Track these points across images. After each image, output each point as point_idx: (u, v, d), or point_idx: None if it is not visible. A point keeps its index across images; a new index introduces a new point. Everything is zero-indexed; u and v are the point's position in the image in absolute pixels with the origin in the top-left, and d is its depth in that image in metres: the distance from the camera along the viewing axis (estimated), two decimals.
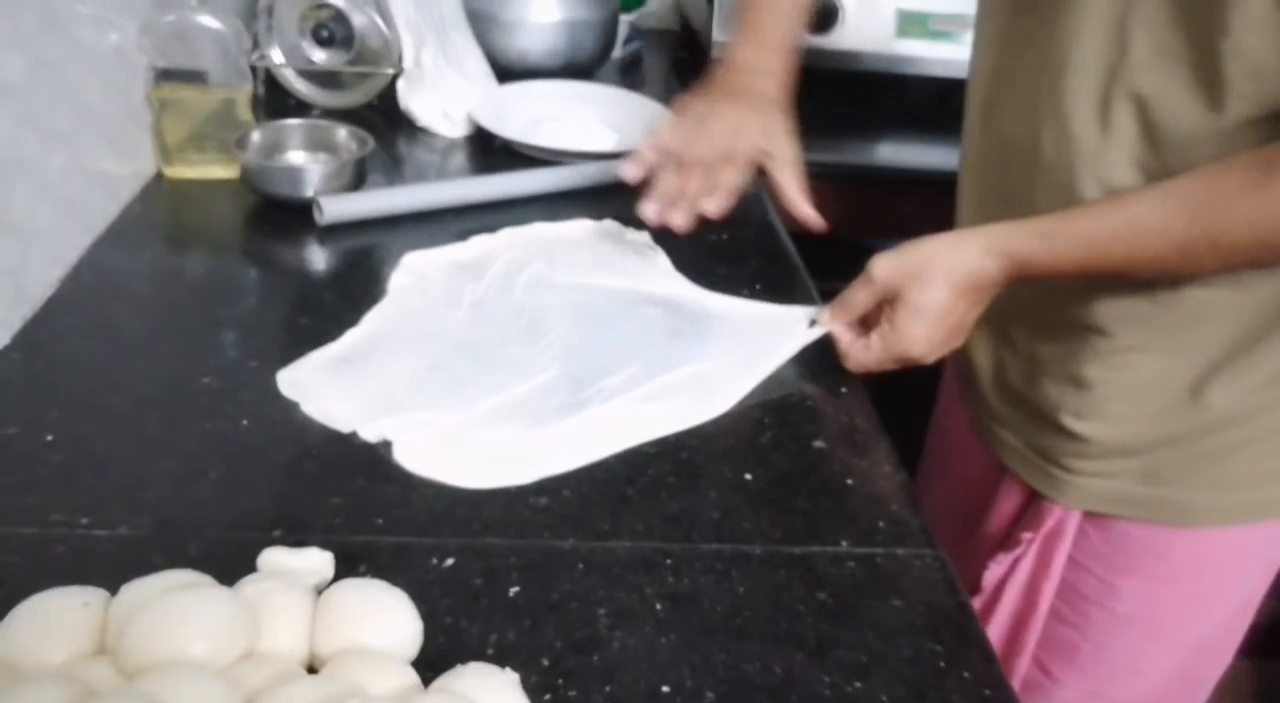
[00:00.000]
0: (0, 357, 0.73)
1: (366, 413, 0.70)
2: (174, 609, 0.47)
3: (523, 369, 0.76)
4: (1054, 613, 0.84)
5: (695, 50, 1.51)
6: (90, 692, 0.43)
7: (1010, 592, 0.85)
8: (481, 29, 1.29)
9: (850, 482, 0.69)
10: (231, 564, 0.53)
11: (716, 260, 0.94)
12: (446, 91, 1.17)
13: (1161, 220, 0.64)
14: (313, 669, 0.49)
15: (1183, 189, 0.64)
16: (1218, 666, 0.87)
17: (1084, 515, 0.81)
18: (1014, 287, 0.72)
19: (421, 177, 1.12)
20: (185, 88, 1.00)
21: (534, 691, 0.51)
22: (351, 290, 0.85)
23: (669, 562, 0.61)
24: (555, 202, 1.04)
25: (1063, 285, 0.75)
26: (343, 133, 1.05)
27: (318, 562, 0.55)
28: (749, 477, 0.68)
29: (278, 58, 1.21)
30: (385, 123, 1.19)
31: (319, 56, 1.20)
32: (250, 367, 0.74)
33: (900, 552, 0.63)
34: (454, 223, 0.97)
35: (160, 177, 1.01)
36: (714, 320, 0.84)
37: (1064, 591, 0.83)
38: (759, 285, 0.90)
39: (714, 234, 0.95)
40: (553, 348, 0.78)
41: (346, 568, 0.57)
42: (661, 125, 0.87)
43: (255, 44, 1.17)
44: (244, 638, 0.47)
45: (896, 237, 0.80)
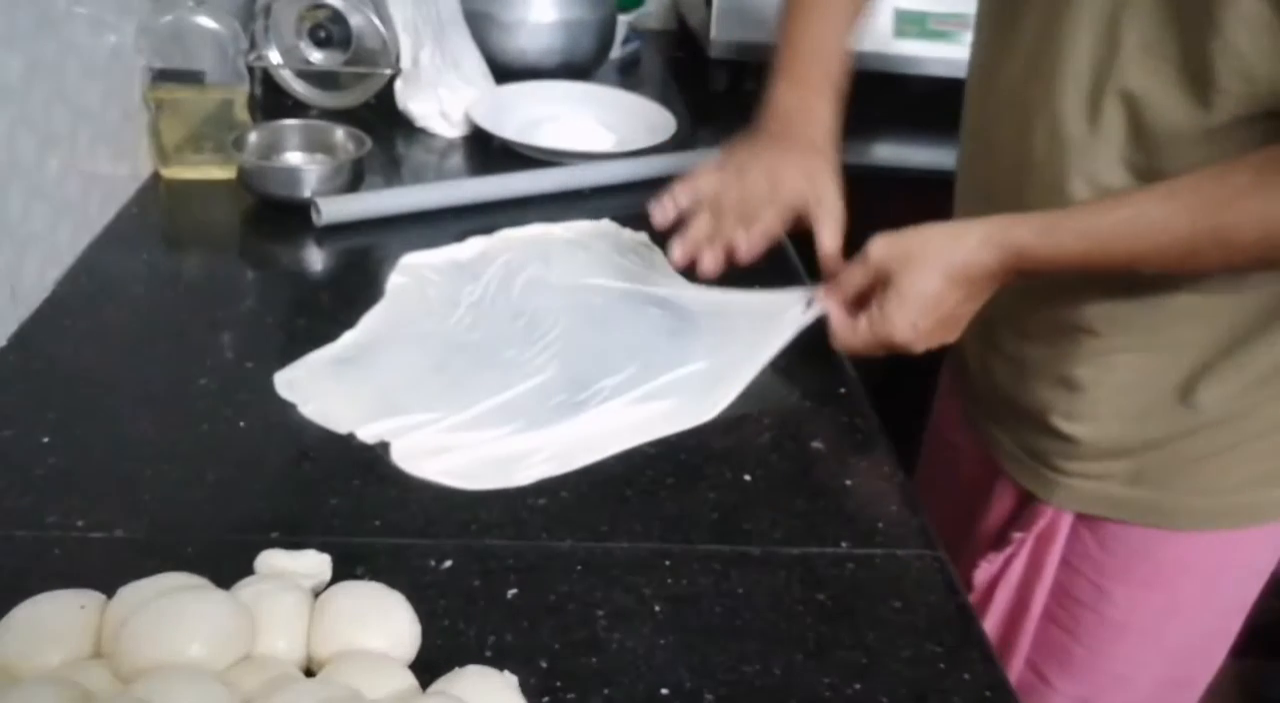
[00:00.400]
0: None
1: (364, 414, 0.70)
2: (171, 612, 0.47)
3: (521, 370, 0.75)
4: (1048, 616, 0.84)
5: (693, 50, 1.51)
6: (87, 696, 0.43)
7: (1002, 592, 0.85)
8: (479, 29, 1.29)
9: (849, 482, 0.69)
10: (228, 567, 0.53)
11: None
12: (444, 92, 1.17)
13: (1168, 216, 0.63)
14: (310, 672, 0.49)
15: (1191, 185, 0.63)
16: (1206, 672, 0.87)
17: (1077, 518, 0.81)
18: (1004, 287, 0.71)
19: (419, 177, 1.12)
20: (182, 88, 0.99)
21: (532, 693, 0.51)
22: (349, 291, 0.85)
23: (668, 563, 0.61)
24: (553, 202, 1.04)
25: (1052, 285, 0.74)
26: (340, 133, 1.05)
27: (315, 564, 0.55)
28: (748, 477, 0.68)
29: (275, 58, 1.21)
30: (383, 123, 1.19)
31: (316, 57, 1.20)
32: (247, 368, 0.74)
33: (900, 553, 0.63)
34: (452, 223, 0.97)
35: (157, 178, 1.01)
36: (712, 316, 0.83)
37: (1058, 593, 0.83)
38: (757, 285, 0.90)
39: None
40: (551, 349, 0.78)
41: (344, 570, 0.57)
42: (698, 170, 0.82)
43: (252, 44, 1.17)
44: (241, 641, 0.47)
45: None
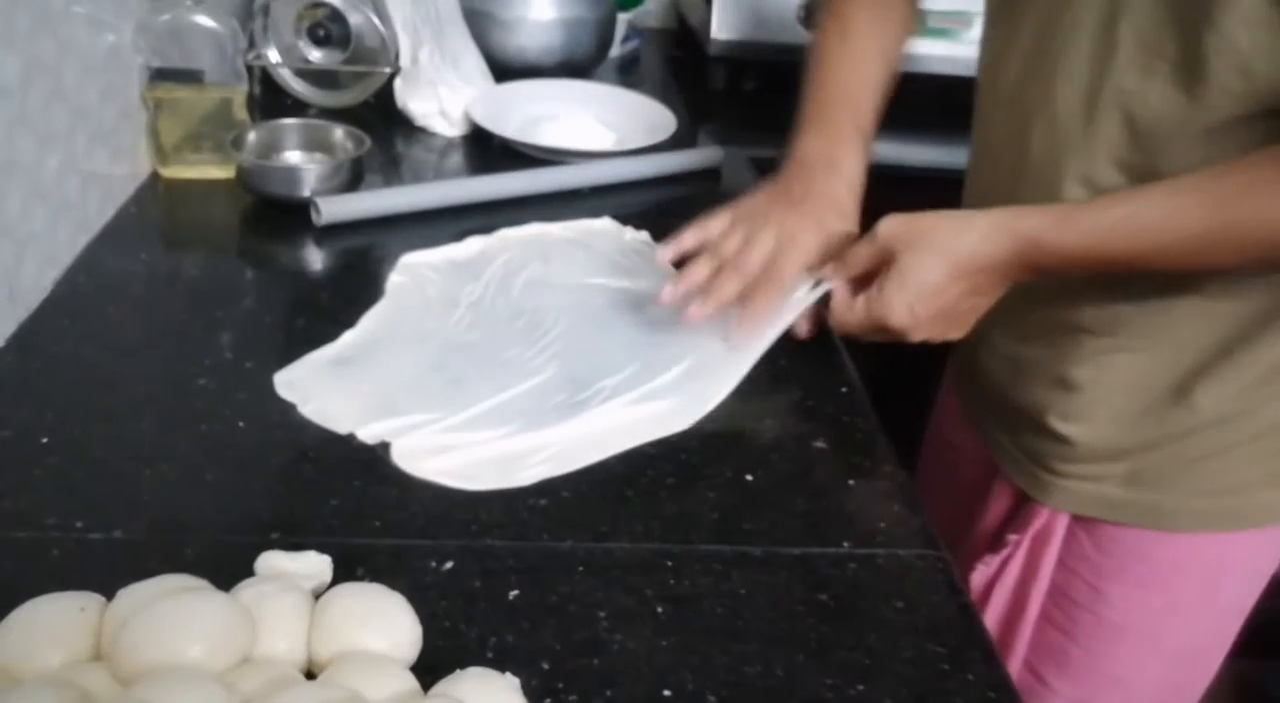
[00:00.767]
0: None
1: (364, 414, 0.69)
2: (170, 614, 0.47)
3: (521, 370, 0.75)
4: (1046, 618, 0.84)
5: (692, 48, 1.50)
6: (87, 698, 0.43)
7: (999, 594, 0.85)
8: (478, 27, 1.29)
9: (851, 482, 0.69)
10: (228, 568, 0.53)
11: None
12: (444, 91, 1.17)
13: (1188, 207, 0.62)
14: (311, 674, 0.49)
15: (1214, 177, 0.62)
16: (1204, 675, 0.86)
17: (1074, 519, 0.80)
18: (1015, 285, 0.70)
19: (419, 176, 1.12)
20: (181, 88, 0.99)
21: (534, 695, 0.51)
22: (349, 291, 0.85)
23: (669, 563, 0.60)
24: (553, 201, 1.04)
25: (1049, 285, 0.73)
26: (339, 132, 1.05)
27: (315, 565, 0.55)
28: (749, 477, 0.68)
29: (274, 57, 1.20)
30: (382, 122, 1.19)
31: (315, 56, 1.20)
32: (247, 368, 0.74)
33: (902, 553, 0.63)
34: (452, 223, 0.97)
35: (156, 177, 1.01)
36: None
37: (1055, 595, 0.83)
38: None
39: None
40: (551, 348, 0.78)
41: (344, 571, 0.56)
42: (713, 216, 0.80)
43: (251, 43, 1.17)
44: (241, 643, 0.47)
45: None
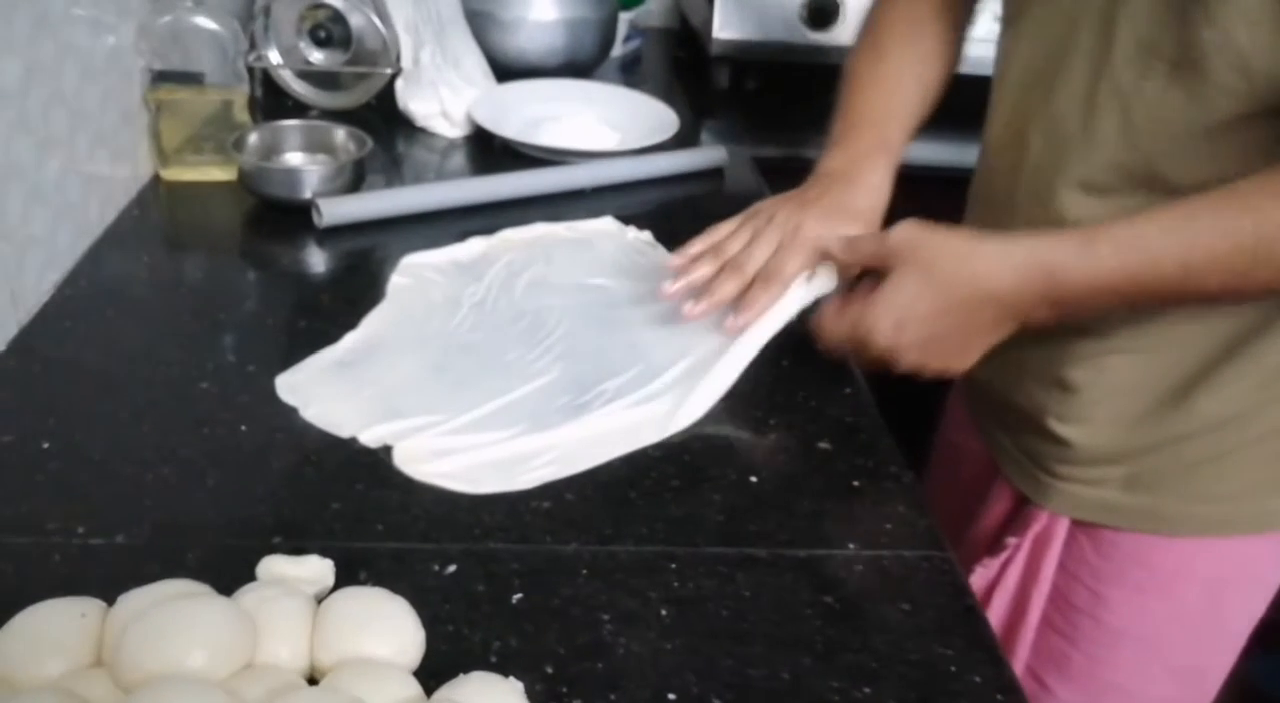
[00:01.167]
0: None
1: (366, 417, 0.69)
2: (172, 620, 0.46)
3: (524, 372, 0.75)
4: (1047, 622, 0.83)
5: (695, 48, 1.50)
6: None
7: (999, 597, 0.84)
8: (480, 28, 1.28)
9: (856, 483, 0.68)
10: (230, 573, 0.53)
11: None
12: (445, 92, 1.17)
13: (1226, 219, 0.59)
14: (313, 680, 0.49)
15: (1252, 184, 0.59)
16: (1207, 694, 0.84)
17: (1074, 523, 0.79)
18: (1036, 327, 0.66)
19: (420, 177, 1.11)
20: (182, 90, 0.99)
21: (538, 699, 0.50)
22: (350, 293, 0.84)
23: (673, 565, 0.60)
24: (555, 201, 1.03)
25: None
26: (341, 134, 1.04)
27: (318, 569, 0.55)
28: (753, 478, 0.68)
29: (275, 59, 1.20)
30: (384, 123, 1.19)
31: (316, 57, 1.20)
32: (249, 371, 0.74)
33: (908, 554, 0.62)
34: (454, 224, 0.96)
35: (157, 180, 1.01)
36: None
37: (1056, 599, 0.82)
38: None
39: None
40: (554, 350, 0.78)
41: (347, 575, 0.56)
42: (724, 223, 0.79)
43: (252, 45, 1.17)
44: (243, 649, 0.47)
45: None
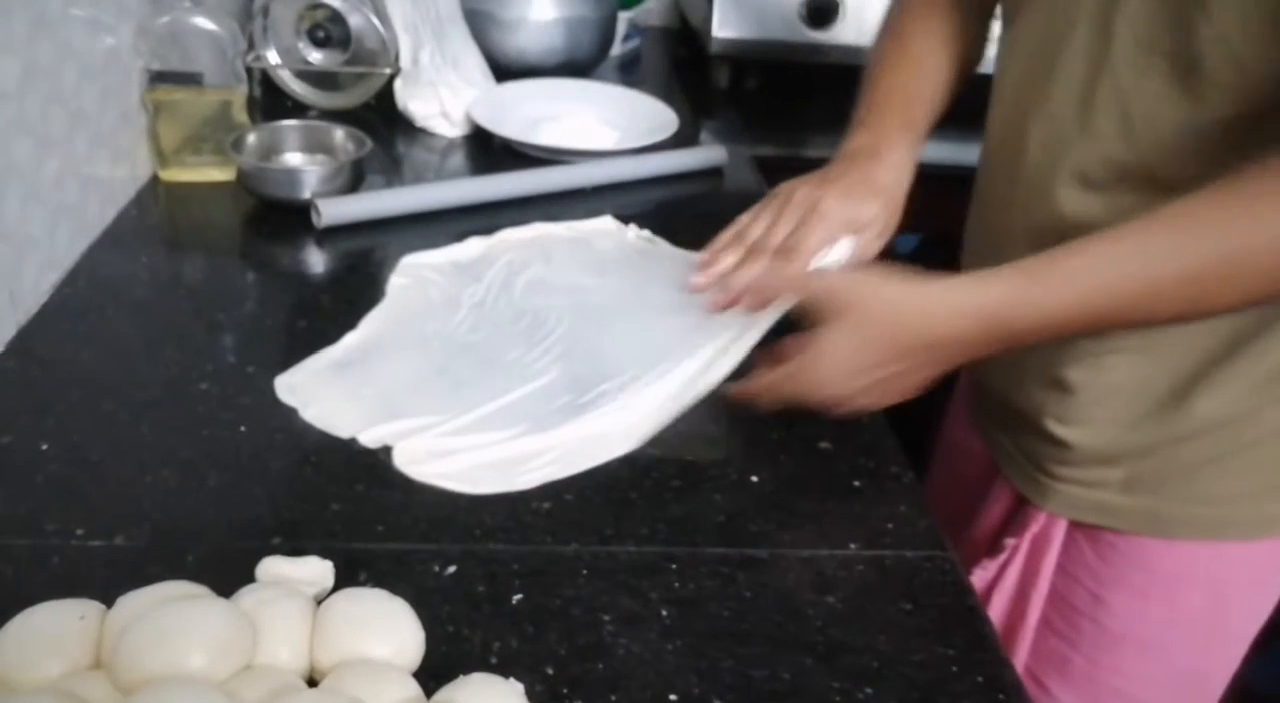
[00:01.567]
0: None
1: (366, 418, 0.69)
2: (171, 622, 0.46)
3: (523, 372, 0.75)
4: (1047, 624, 0.83)
5: (694, 47, 1.50)
6: None
7: (998, 599, 0.84)
8: (479, 28, 1.28)
9: (857, 483, 0.68)
10: (230, 574, 0.53)
11: None
12: (444, 91, 1.16)
13: (1178, 245, 0.57)
14: (313, 682, 0.48)
15: (1200, 204, 0.58)
16: (1211, 699, 0.84)
17: (1074, 525, 0.79)
18: (986, 356, 0.65)
19: (420, 177, 1.11)
20: (180, 90, 0.99)
21: (538, 700, 0.50)
22: (350, 293, 0.84)
23: (674, 566, 0.60)
24: (555, 201, 1.03)
25: None
26: (340, 134, 1.04)
27: (317, 570, 0.55)
28: (755, 478, 0.67)
29: (274, 59, 1.20)
30: (383, 123, 1.18)
31: (315, 57, 1.20)
32: (248, 372, 0.73)
33: (909, 554, 0.62)
34: (453, 224, 0.96)
35: (156, 180, 1.01)
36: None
37: (1056, 601, 0.82)
38: None
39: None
40: (554, 350, 0.77)
41: (347, 576, 0.56)
42: (747, 212, 0.80)
43: (251, 45, 1.16)
44: (242, 650, 0.47)
45: (902, 230, 0.80)
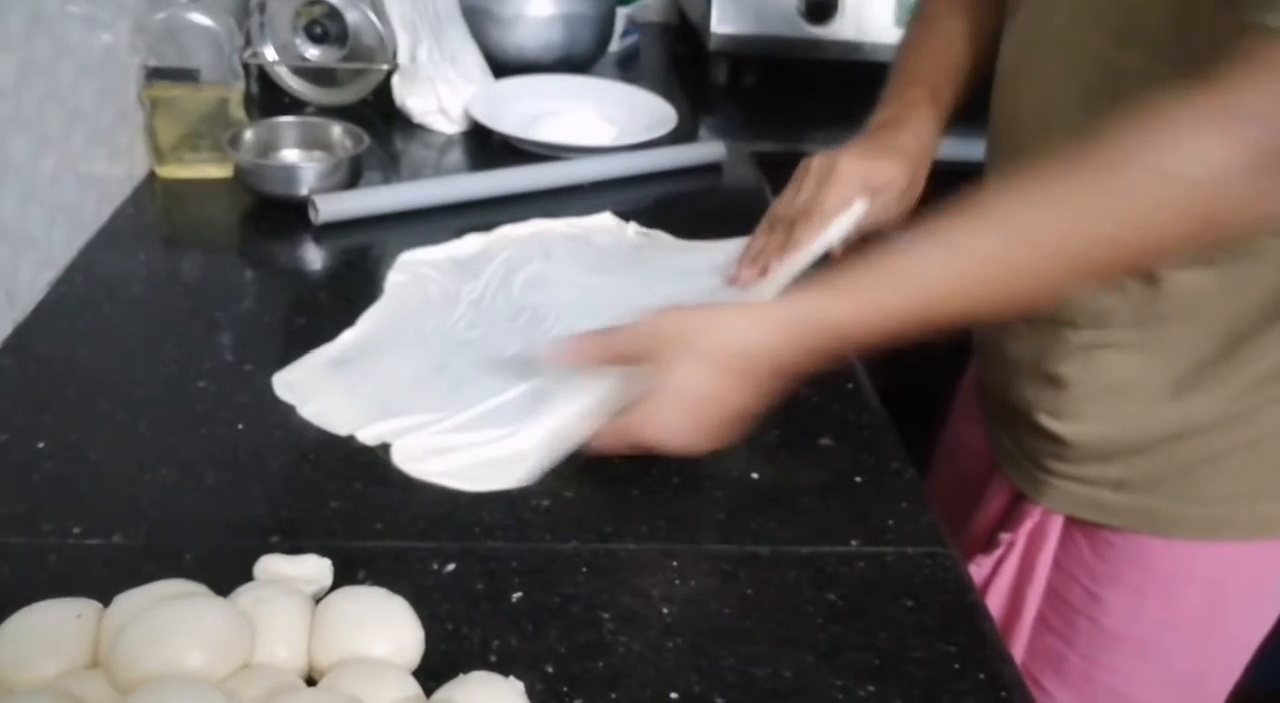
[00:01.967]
0: None
1: (364, 415, 0.69)
2: (168, 621, 0.46)
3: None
4: (1043, 622, 0.82)
5: (693, 43, 1.49)
6: None
7: (993, 596, 0.83)
8: (477, 24, 1.28)
9: (858, 479, 0.68)
10: (227, 573, 0.52)
11: None
12: (442, 88, 1.16)
13: (983, 243, 0.57)
14: (311, 680, 0.48)
15: (1012, 199, 0.57)
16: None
17: (1070, 522, 0.79)
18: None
19: (418, 174, 1.11)
20: (177, 87, 0.98)
21: (539, 698, 0.50)
22: (348, 290, 0.84)
23: (674, 563, 0.60)
24: (553, 197, 1.03)
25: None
26: (337, 130, 1.04)
27: (316, 569, 0.55)
28: (755, 475, 0.67)
29: (271, 55, 1.20)
30: (380, 120, 1.18)
31: (313, 53, 1.19)
32: (246, 369, 0.73)
33: (911, 551, 0.62)
34: (451, 221, 0.96)
35: (153, 177, 1.00)
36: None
37: (1052, 599, 0.81)
38: None
39: (719, 228, 0.94)
40: None
41: (345, 575, 0.56)
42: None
43: (248, 41, 1.16)
44: (240, 649, 0.46)
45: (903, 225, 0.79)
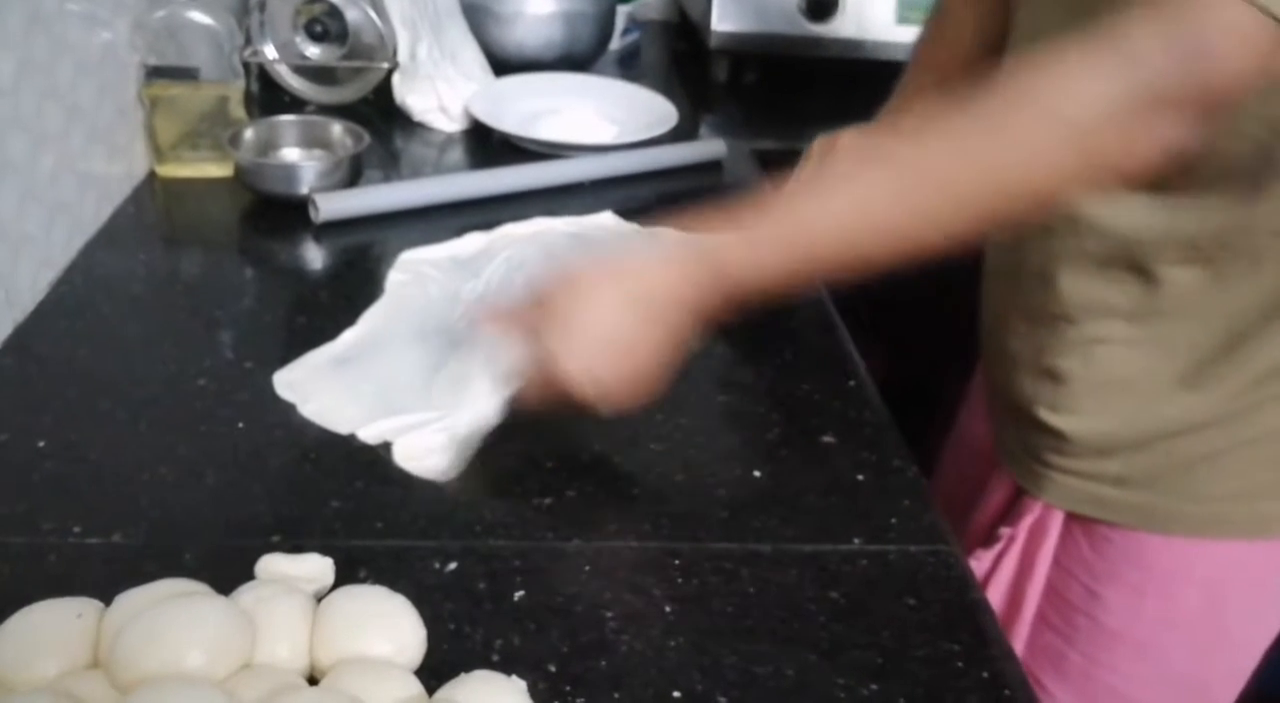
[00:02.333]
0: None
1: (365, 414, 0.68)
2: (169, 620, 0.46)
3: None
4: (1043, 619, 0.82)
5: (694, 41, 1.49)
6: None
7: (993, 593, 0.83)
8: (477, 22, 1.28)
9: (861, 477, 0.67)
10: (228, 572, 0.52)
11: None
12: (443, 86, 1.16)
13: (880, 185, 0.58)
14: (313, 680, 0.48)
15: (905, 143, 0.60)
16: None
17: (1070, 518, 0.78)
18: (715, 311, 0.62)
19: (418, 172, 1.11)
20: (177, 85, 0.98)
21: (541, 697, 0.50)
22: (348, 289, 0.84)
23: (677, 562, 0.59)
24: (554, 195, 1.03)
25: (1022, 271, 0.72)
26: (338, 129, 1.04)
27: (317, 568, 0.54)
28: (757, 474, 0.67)
29: (271, 53, 1.19)
30: (381, 118, 1.18)
31: (313, 52, 1.19)
32: (246, 368, 0.73)
33: (913, 549, 0.62)
34: (452, 219, 0.96)
35: (153, 176, 1.00)
36: None
37: (1052, 596, 0.81)
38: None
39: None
40: None
41: (347, 574, 0.56)
42: None
43: (248, 40, 1.16)
44: (241, 649, 0.46)
45: None
